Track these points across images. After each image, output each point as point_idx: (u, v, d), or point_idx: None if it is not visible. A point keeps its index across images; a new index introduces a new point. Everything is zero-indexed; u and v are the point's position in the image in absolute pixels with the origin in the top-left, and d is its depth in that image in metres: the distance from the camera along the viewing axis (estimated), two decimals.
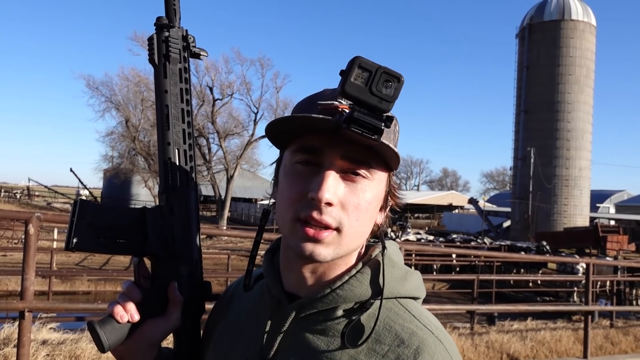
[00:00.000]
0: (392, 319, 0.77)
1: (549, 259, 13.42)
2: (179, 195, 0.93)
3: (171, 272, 0.91)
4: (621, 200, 65.49)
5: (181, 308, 0.90)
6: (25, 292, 3.20)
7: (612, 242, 27.79)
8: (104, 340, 0.81)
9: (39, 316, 5.62)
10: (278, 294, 0.83)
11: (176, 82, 0.94)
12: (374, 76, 0.68)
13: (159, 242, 0.90)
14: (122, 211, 0.90)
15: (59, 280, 12.33)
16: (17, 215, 4.26)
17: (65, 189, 76.24)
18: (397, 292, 0.80)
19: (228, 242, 25.02)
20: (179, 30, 0.95)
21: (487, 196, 73.37)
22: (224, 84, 32.49)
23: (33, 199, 52.26)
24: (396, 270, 0.83)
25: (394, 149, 0.73)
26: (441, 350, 0.73)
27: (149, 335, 0.87)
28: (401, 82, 0.69)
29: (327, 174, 0.73)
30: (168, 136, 0.93)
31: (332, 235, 0.75)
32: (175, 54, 0.94)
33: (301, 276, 0.81)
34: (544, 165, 37.83)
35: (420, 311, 0.81)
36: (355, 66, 0.68)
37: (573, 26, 39.22)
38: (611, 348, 7.48)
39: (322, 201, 0.72)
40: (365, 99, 0.68)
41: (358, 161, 0.75)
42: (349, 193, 0.75)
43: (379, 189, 0.79)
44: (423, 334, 0.75)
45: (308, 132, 0.76)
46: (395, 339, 0.74)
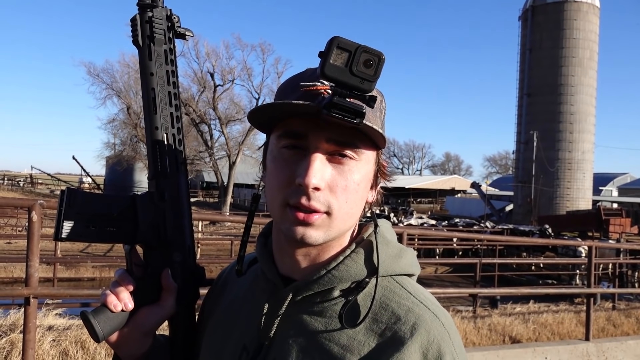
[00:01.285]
0: (388, 297, 0.78)
1: (552, 242, 13.44)
2: (169, 180, 0.91)
3: (164, 259, 0.90)
4: (624, 183, 65.39)
5: (175, 295, 0.89)
6: (30, 278, 3.22)
7: (614, 225, 27.78)
8: (98, 330, 0.80)
9: (44, 302, 5.67)
10: (273, 278, 0.83)
11: (162, 64, 0.91)
12: (354, 56, 0.66)
13: (150, 229, 0.88)
14: (111, 199, 0.88)
15: (63, 267, 12.40)
16: (20, 202, 4.27)
17: (68, 177, 76.43)
18: (392, 270, 0.80)
19: (231, 228, 25.07)
20: (162, 10, 0.91)
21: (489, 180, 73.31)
22: (225, 70, 32.37)
23: (36, 187, 52.40)
24: (390, 248, 0.82)
25: (378, 129, 0.72)
26: (437, 325, 0.73)
27: (143, 324, 0.86)
28: (382, 60, 0.67)
29: (313, 159, 0.73)
30: (155, 120, 0.90)
31: (322, 218, 0.74)
32: (159, 35, 0.90)
33: (295, 259, 0.81)
34: (547, 149, 37.71)
35: (415, 288, 0.81)
36: (334, 47, 0.66)
37: (576, 7, 38.79)
38: (613, 330, 7.51)
39: (309, 187, 0.72)
40: (346, 80, 0.66)
41: (343, 143, 0.74)
42: (337, 175, 0.75)
43: (367, 168, 0.78)
44: (419, 310, 0.75)
45: (291, 117, 0.75)
46: (392, 317, 0.75)
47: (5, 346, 4.19)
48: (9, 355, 4.11)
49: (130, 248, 0.89)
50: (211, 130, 33.27)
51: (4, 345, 4.19)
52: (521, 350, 5.73)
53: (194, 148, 33.97)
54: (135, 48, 0.91)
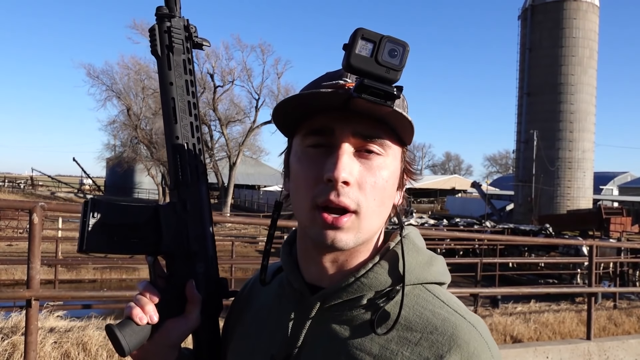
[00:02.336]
0: (421, 305, 0.75)
1: (552, 241, 13.42)
2: (191, 190, 0.90)
3: (187, 270, 0.88)
4: (625, 182, 65.33)
5: (200, 307, 0.87)
6: (32, 280, 3.23)
7: (615, 224, 27.76)
8: (124, 344, 0.78)
9: (45, 304, 5.67)
10: (300, 287, 0.81)
11: (181, 74, 0.90)
12: (379, 46, 0.66)
13: (173, 239, 0.87)
14: (134, 209, 0.87)
15: (64, 269, 12.42)
16: (21, 204, 4.28)
17: (69, 179, 76.41)
18: (424, 278, 0.78)
19: (232, 229, 25.08)
20: (180, 20, 0.91)
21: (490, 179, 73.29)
22: (224, 71, 32.36)
23: (37, 189, 52.39)
24: (421, 255, 0.80)
25: (408, 116, 0.71)
26: (476, 336, 0.71)
27: (169, 337, 0.83)
28: (407, 49, 0.67)
29: (341, 153, 0.71)
30: (176, 130, 0.89)
31: (351, 220, 0.72)
32: (178, 45, 0.90)
33: (322, 267, 0.79)
34: (547, 148, 37.70)
35: (448, 296, 0.79)
36: (359, 38, 0.66)
37: (576, 6, 38.79)
38: (614, 329, 7.51)
39: (339, 180, 0.70)
40: (372, 69, 0.66)
41: (370, 137, 0.73)
42: (365, 171, 0.73)
43: (395, 165, 0.76)
44: (455, 320, 0.72)
45: (316, 114, 0.74)
46: (428, 326, 0.72)
47: (7, 348, 4.19)
48: (10, 357, 4.11)
49: (154, 260, 0.88)
50: (211, 131, 33.25)
51: (6, 347, 4.20)
52: (522, 350, 5.73)
53: None
54: (154, 58, 0.91)
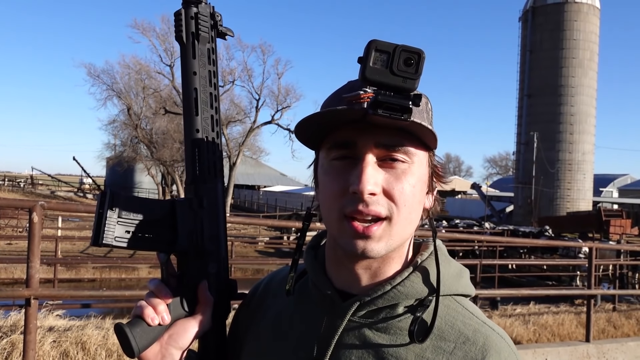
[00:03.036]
0: (453, 316, 0.77)
1: (552, 243, 13.39)
2: (208, 186, 0.86)
3: (200, 270, 0.85)
4: (624, 184, 65.34)
5: (211, 308, 0.84)
6: (31, 279, 3.22)
7: (615, 226, 27.77)
8: (134, 344, 0.76)
9: (44, 303, 5.67)
10: (331, 293, 0.80)
11: (205, 64, 0.86)
12: (393, 56, 0.66)
13: (188, 238, 0.84)
14: (151, 204, 0.84)
15: (64, 268, 12.41)
16: (21, 203, 4.28)
17: (69, 178, 76.44)
18: (455, 289, 0.80)
19: (231, 229, 25.10)
20: (207, 6, 0.86)
21: (490, 181, 73.29)
22: (225, 71, 32.31)
23: (37, 188, 52.40)
24: (452, 267, 0.82)
25: (428, 126, 0.71)
26: (505, 347, 0.74)
27: (178, 338, 0.81)
28: (422, 57, 0.66)
29: (365, 165, 0.71)
30: (197, 122, 0.85)
31: (382, 228, 0.72)
32: (204, 33, 0.85)
33: (354, 273, 0.78)
34: (547, 150, 37.70)
35: (474, 308, 0.81)
36: (372, 50, 0.66)
37: (577, 8, 38.80)
38: (613, 331, 7.51)
39: (365, 193, 0.70)
40: (389, 81, 0.66)
41: (393, 146, 0.73)
42: (391, 180, 0.73)
43: (421, 171, 0.77)
44: (486, 331, 0.75)
45: (338, 127, 0.74)
46: (460, 336, 0.74)
47: (6, 347, 4.19)
48: (9, 356, 4.11)
49: (167, 257, 0.84)
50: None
51: (5, 346, 4.20)
52: (521, 352, 5.73)
53: None
54: (178, 44, 0.86)
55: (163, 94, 31.04)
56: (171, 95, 31.14)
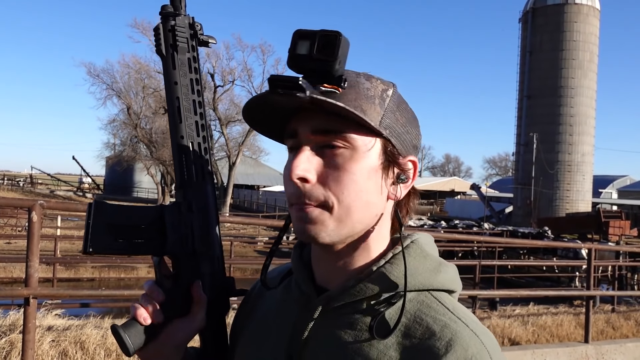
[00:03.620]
0: (423, 312, 0.74)
1: (551, 244, 13.44)
2: (196, 190, 0.89)
3: (193, 270, 0.88)
4: (624, 186, 65.40)
5: (205, 307, 0.87)
6: (30, 279, 3.22)
7: (614, 228, 27.77)
8: (129, 344, 0.79)
9: (43, 303, 5.66)
10: (306, 289, 0.81)
11: (186, 73, 0.90)
12: (314, 42, 0.69)
13: (179, 240, 0.88)
14: (139, 210, 0.87)
15: (63, 267, 12.41)
16: (21, 202, 4.28)
17: (68, 177, 76.43)
18: (430, 284, 0.76)
19: (230, 229, 25.08)
20: (185, 18, 0.90)
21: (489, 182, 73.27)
22: (225, 71, 32.36)
23: (36, 187, 52.38)
24: (428, 261, 0.79)
25: (347, 107, 0.68)
26: (476, 343, 0.68)
27: (174, 337, 0.84)
28: (339, 39, 0.67)
29: (299, 152, 0.73)
30: (181, 129, 0.89)
31: (317, 212, 0.72)
32: (183, 43, 0.89)
33: (328, 267, 0.80)
34: (547, 151, 37.73)
35: (455, 305, 0.76)
36: (297, 37, 0.70)
37: (577, 10, 38.84)
38: (612, 332, 7.51)
39: (294, 178, 0.71)
40: (310, 65, 0.69)
41: (329, 131, 0.72)
42: (328, 167, 0.73)
43: (366, 157, 0.74)
44: (457, 327, 0.70)
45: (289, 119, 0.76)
46: (426, 332, 0.70)
47: (5, 346, 4.19)
48: (8, 355, 4.11)
49: (159, 260, 0.88)
50: (211, 131, 33.25)
51: (4, 345, 4.20)
52: (520, 352, 5.73)
53: None
54: (159, 57, 0.90)
55: (163, 93, 30.96)
56: None
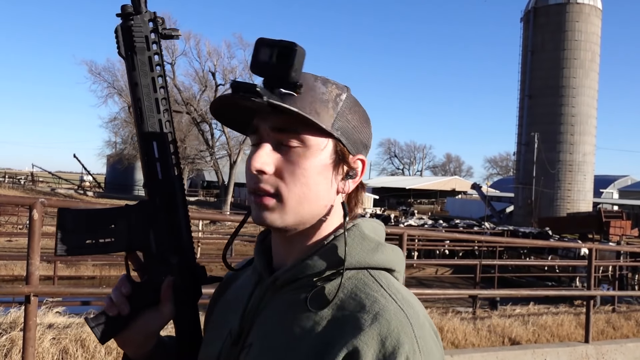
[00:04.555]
0: (359, 288, 0.80)
1: (552, 244, 13.42)
2: (161, 186, 0.93)
3: (162, 263, 0.93)
4: (625, 186, 65.33)
5: (173, 298, 0.93)
6: (31, 276, 3.23)
7: (615, 228, 27.78)
8: (97, 334, 0.88)
9: (44, 301, 5.67)
10: (261, 269, 0.90)
11: (146, 72, 0.91)
12: (274, 51, 0.75)
13: (144, 237, 0.92)
14: (103, 213, 0.92)
15: (64, 265, 12.40)
16: (22, 200, 4.28)
17: (69, 175, 76.40)
18: (366, 263, 0.83)
19: (231, 228, 25.07)
20: (145, 14, 0.91)
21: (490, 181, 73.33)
22: (226, 69, 32.39)
23: (37, 185, 52.40)
24: (366, 242, 0.85)
25: (298, 111, 0.76)
26: (401, 317, 0.74)
27: (143, 327, 0.92)
28: (295, 50, 0.75)
29: (260, 146, 0.81)
30: (144, 129, 0.92)
31: (273, 202, 0.81)
32: (140, 43, 0.90)
33: (283, 252, 0.88)
34: (548, 151, 37.69)
35: (390, 282, 0.82)
36: (259, 45, 0.77)
37: (579, 9, 38.77)
38: (613, 332, 7.51)
39: (253, 170, 0.80)
40: (268, 71, 0.77)
41: (285, 130, 0.80)
42: (284, 162, 0.81)
43: (320, 156, 0.82)
44: (386, 302, 0.76)
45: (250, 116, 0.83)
46: (357, 306, 0.77)
47: (6, 344, 4.19)
48: (9, 353, 4.12)
49: (128, 255, 0.93)
50: (212, 130, 33.28)
51: (4, 343, 4.20)
52: (520, 352, 5.73)
53: (195, 147, 34.02)
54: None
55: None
56: (172, 94, 31.15)
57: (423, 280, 14.66)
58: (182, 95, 31.16)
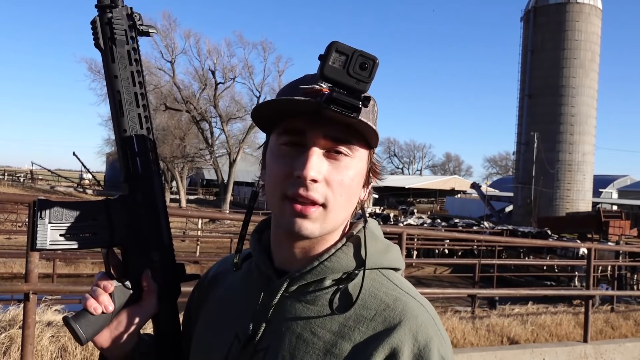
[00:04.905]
0: (376, 288, 0.83)
1: (551, 243, 13.44)
2: (141, 182, 0.92)
3: (141, 259, 0.92)
4: (624, 186, 65.37)
5: (156, 294, 0.91)
6: (30, 274, 3.23)
7: (614, 227, 27.79)
8: (80, 334, 0.83)
9: (43, 298, 5.67)
10: (267, 270, 0.87)
11: (125, 66, 0.91)
12: (351, 59, 0.71)
13: (125, 231, 0.90)
14: (83, 206, 0.89)
15: (63, 263, 12.41)
16: (21, 198, 4.27)
17: (69, 173, 76.40)
18: (380, 263, 0.86)
19: (231, 226, 25.10)
20: (122, 9, 0.90)
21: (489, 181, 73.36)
22: (226, 68, 32.32)
23: (36, 183, 52.35)
24: (378, 243, 0.88)
25: (373, 126, 0.77)
26: (423, 312, 0.80)
27: (126, 324, 0.89)
28: (376, 63, 0.72)
29: (311, 153, 0.77)
30: (123, 123, 0.90)
31: (318, 211, 0.79)
32: (120, 36, 0.89)
33: (291, 253, 0.85)
34: (547, 150, 37.71)
35: (401, 280, 0.87)
36: (333, 50, 0.72)
37: (579, 9, 38.77)
38: (611, 332, 7.52)
39: (307, 178, 0.76)
40: (344, 80, 0.71)
41: (339, 139, 0.79)
42: (333, 170, 0.79)
43: (361, 166, 0.83)
44: (406, 299, 0.81)
45: (291, 115, 0.79)
46: (381, 304, 0.80)
47: (5, 341, 4.20)
48: (8, 350, 4.12)
49: (107, 251, 0.91)
50: (212, 128, 33.23)
51: (3, 340, 4.20)
52: (519, 351, 5.74)
53: (194, 145, 33.96)
54: (98, 51, 0.91)
55: (164, 90, 31.00)
56: (172, 92, 31.12)
57: (422, 280, 14.66)
58: (181, 94, 31.10)
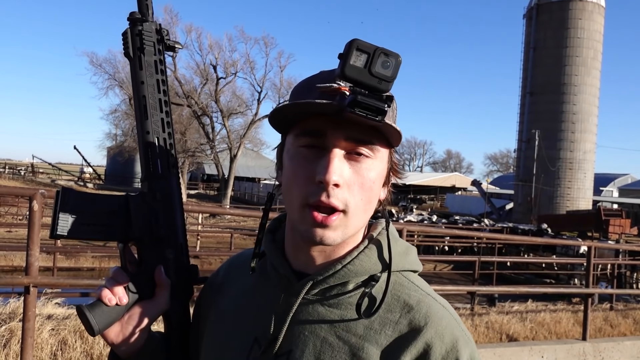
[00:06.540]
0: (398, 290, 0.83)
1: (551, 241, 13.43)
2: (161, 181, 0.95)
3: (157, 256, 0.93)
4: (625, 184, 65.32)
5: (169, 291, 0.92)
6: (30, 267, 3.23)
7: (614, 226, 27.77)
8: (94, 323, 0.82)
9: (44, 292, 5.68)
10: (287, 273, 0.84)
11: (152, 74, 0.96)
12: (373, 57, 0.69)
13: (143, 227, 0.92)
14: (104, 198, 0.92)
15: (63, 257, 12.43)
16: (22, 191, 4.28)
17: (69, 167, 76.35)
18: (402, 266, 0.85)
19: (231, 221, 25.13)
20: (152, 24, 0.97)
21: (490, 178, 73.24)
22: (227, 63, 32.26)
23: (37, 176, 52.36)
24: (399, 245, 0.87)
25: (397, 127, 0.74)
26: (447, 315, 0.80)
27: (139, 319, 0.88)
28: (399, 61, 0.70)
29: (332, 156, 0.74)
30: (147, 125, 0.95)
31: (339, 219, 0.76)
32: (149, 47, 0.96)
33: (310, 256, 0.83)
34: (549, 148, 37.64)
35: (421, 282, 0.87)
36: (354, 49, 0.68)
37: (581, 7, 38.61)
38: (610, 330, 7.53)
39: (330, 183, 0.73)
40: (366, 80, 0.69)
41: (361, 141, 0.76)
42: (354, 173, 0.77)
43: (382, 166, 0.81)
44: (429, 301, 0.81)
45: (310, 116, 0.76)
46: (405, 307, 0.80)
47: (5, 334, 4.21)
48: (8, 343, 4.13)
49: (124, 246, 0.92)
50: (213, 123, 33.20)
51: (4, 333, 4.22)
52: (518, 349, 5.75)
53: (195, 140, 33.94)
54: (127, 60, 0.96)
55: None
56: (173, 86, 31.07)
57: (421, 276, 14.67)
58: (183, 88, 31.04)
